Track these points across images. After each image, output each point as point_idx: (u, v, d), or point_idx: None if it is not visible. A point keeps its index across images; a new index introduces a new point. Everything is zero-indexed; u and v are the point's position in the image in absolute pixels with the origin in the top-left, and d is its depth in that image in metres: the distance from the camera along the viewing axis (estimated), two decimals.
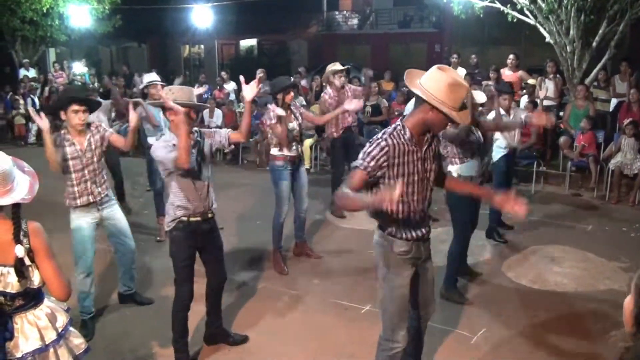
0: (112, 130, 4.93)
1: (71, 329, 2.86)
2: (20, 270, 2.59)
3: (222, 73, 14.28)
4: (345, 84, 7.71)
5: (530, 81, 10.66)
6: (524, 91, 10.30)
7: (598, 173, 8.73)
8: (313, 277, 5.88)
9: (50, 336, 2.73)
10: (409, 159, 3.10)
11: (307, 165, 9.75)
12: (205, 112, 11.66)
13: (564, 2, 9.57)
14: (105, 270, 5.84)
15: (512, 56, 11.05)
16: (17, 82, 16.39)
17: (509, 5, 10.49)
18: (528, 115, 6.34)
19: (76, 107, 4.49)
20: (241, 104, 12.26)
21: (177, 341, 4.25)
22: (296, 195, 6.12)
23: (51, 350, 2.72)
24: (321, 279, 5.83)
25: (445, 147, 5.17)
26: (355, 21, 28.51)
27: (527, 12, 10.34)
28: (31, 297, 2.72)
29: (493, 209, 6.84)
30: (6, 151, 2.71)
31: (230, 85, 13.34)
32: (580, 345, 4.55)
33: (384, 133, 3.14)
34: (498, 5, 10.61)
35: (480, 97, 5.47)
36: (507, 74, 10.82)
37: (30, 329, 2.70)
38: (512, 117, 6.44)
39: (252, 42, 30.26)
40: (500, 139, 6.65)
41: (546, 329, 4.78)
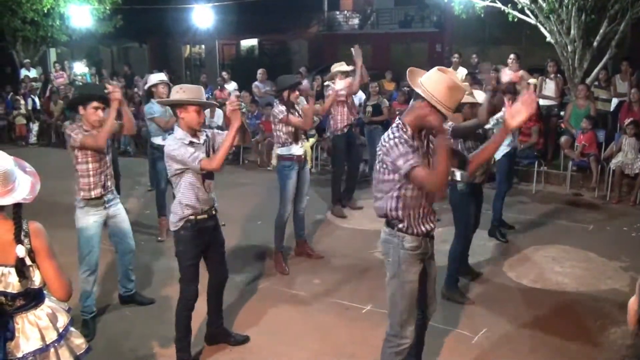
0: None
1: (72, 329, 2.86)
2: (21, 270, 2.59)
3: (223, 73, 14.27)
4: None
5: (531, 81, 10.65)
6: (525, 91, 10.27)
7: (599, 173, 8.73)
8: (314, 277, 5.88)
9: (51, 336, 2.73)
10: (419, 151, 3.24)
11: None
12: (207, 112, 11.65)
13: (564, 2, 9.56)
14: (107, 270, 5.84)
15: (512, 56, 10.99)
16: (18, 83, 16.41)
17: (509, 5, 10.48)
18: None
19: (97, 104, 4.61)
20: (242, 104, 12.24)
21: (180, 340, 4.25)
22: (297, 193, 6.12)
23: (52, 350, 2.72)
24: (322, 279, 5.84)
25: (456, 144, 5.16)
26: (356, 21, 28.47)
27: (528, 12, 10.33)
28: (32, 297, 2.72)
29: (496, 208, 6.85)
30: (7, 151, 2.70)
31: (231, 86, 13.34)
32: (582, 344, 4.55)
33: (392, 132, 3.22)
34: (499, 5, 10.59)
35: (481, 96, 5.46)
36: (507, 73, 10.79)
37: (31, 329, 2.70)
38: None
39: (253, 42, 30.23)
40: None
41: (547, 329, 4.78)
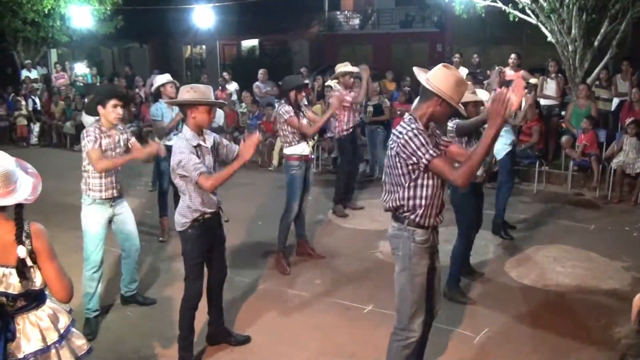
0: (134, 139, 5.08)
1: (73, 329, 2.86)
2: (22, 271, 2.59)
3: (224, 73, 14.28)
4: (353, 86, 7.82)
5: (532, 81, 10.64)
6: (526, 91, 10.27)
7: (600, 172, 8.72)
8: (315, 277, 5.88)
9: (52, 337, 2.73)
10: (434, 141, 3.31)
11: None
12: None
13: (565, 1, 9.56)
14: (109, 271, 5.84)
15: (513, 56, 11.01)
16: (19, 83, 16.43)
17: (510, 5, 10.48)
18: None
19: (116, 102, 4.70)
20: (243, 104, 12.25)
21: (183, 340, 4.25)
22: (301, 192, 6.12)
23: (53, 351, 2.72)
24: (323, 279, 5.84)
25: (460, 142, 5.17)
26: (356, 21, 28.49)
27: (529, 12, 10.33)
28: (33, 298, 2.72)
29: (499, 207, 6.85)
30: (8, 152, 2.71)
31: (232, 86, 13.35)
32: (583, 344, 4.55)
33: (408, 125, 3.26)
34: (500, 4, 10.59)
35: (483, 95, 5.46)
36: (508, 73, 10.79)
37: (32, 329, 2.71)
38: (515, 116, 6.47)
39: (254, 42, 30.25)
40: (504, 136, 6.63)
41: (549, 329, 4.78)
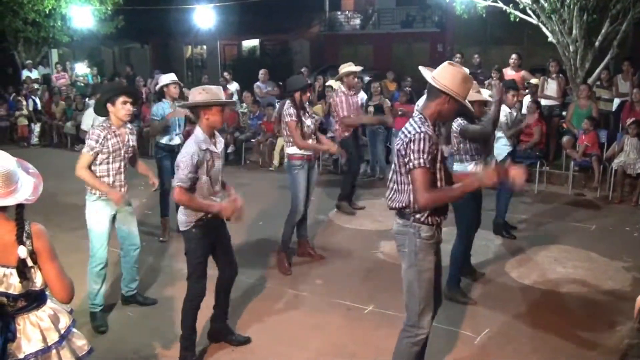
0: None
1: (74, 330, 2.86)
2: (23, 271, 2.59)
3: (225, 73, 14.28)
4: (357, 87, 7.85)
5: (533, 81, 10.65)
6: (527, 91, 10.28)
7: (601, 173, 8.72)
8: (316, 277, 5.88)
9: (52, 337, 2.73)
10: (437, 147, 3.32)
11: None
12: None
13: (566, 2, 9.56)
14: (110, 271, 5.82)
15: (514, 56, 11.04)
16: (20, 83, 16.44)
17: (511, 5, 10.47)
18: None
19: (125, 98, 4.73)
20: (244, 104, 12.25)
21: (185, 339, 4.26)
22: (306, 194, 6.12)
23: (53, 351, 2.72)
24: (324, 279, 5.83)
25: (458, 144, 5.17)
26: (357, 21, 28.49)
27: (530, 12, 10.32)
28: (34, 299, 2.72)
29: (500, 207, 6.85)
30: (9, 152, 2.71)
31: (233, 86, 13.35)
32: (584, 344, 4.54)
33: (418, 126, 3.27)
34: (500, 4, 10.59)
35: (486, 94, 5.46)
36: (509, 73, 10.81)
37: (32, 330, 2.70)
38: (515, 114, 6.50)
39: (255, 42, 30.27)
40: (503, 138, 6.65)
41: (549, 329, 4.77)
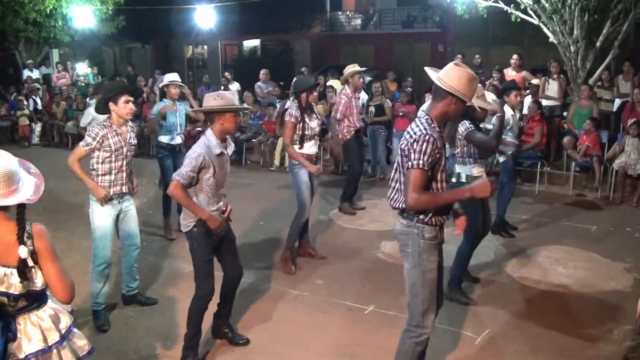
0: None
1: (75, 330, 2.86)
2: (23, 271, 2.59)
3: (226, 73, 14.28)
4: (361, 87, 7.88)
5: (534, 81, 10.65)
6: (528, 91, 10.27)
7: (602, 173, 8.71)
8: (317, 278, 5.88)
9: (53, 337, 2.73)
10: (442, 150, 3.32)
11: None
12: None
13: (567, 2, 9.54)
14: (111, 270, 5.84)
15: (515, 56, 11.03)
16: (21, 83, 16.44)
17: (512, 5, 10.46)
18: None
19: (128, 98, 4.74)
20: (244, 104, 12.25)
21: (190, 338, 4.27)
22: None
23: (54, 351, 2.72)
24: (325, 279, 5.83)
25: (462, 146, 5.17)
26: (358, 21, 28.47)
27: (531, 12, 10.31)
28: (34, 299, 2.72)
29: (500, 207, 6.85)
30: (10, 152, 2.71)
31: (234, 86, 13.35)
32: (585, 345, 4.54)
33: (425, 127, 3.26)
34: (501, 5, 10.58)
35: (490, 98, 5.46)
36: (510, 74, 10.80)
37: (33, 330, 2.70)
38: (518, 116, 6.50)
39: (256, 42, 30.26)
40: (505, 138, 6.64)
41: (550, 330, 4.77)
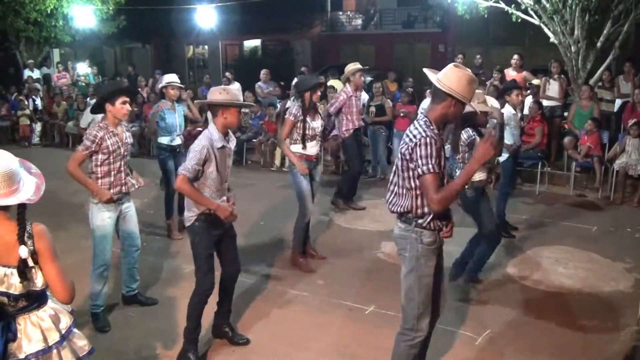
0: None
1: (75, 330, 2.86)
2: (23, 272, 2.59)
3: (227, 73, 14.27)
4: (363, 86, 7.89)
5: (535, 81, 10.64)
6: (528, 91, 10.27)
7: (602, 174, 8.71)
8: (317, 278, 5.88)
9: (53, 337, 2.73)
10: (441, 151, 3.32)
11: None
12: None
13: (568, 2, 9.54)
14: (111, 271, 5.83)
15: (516, 56, 11.02)
16: (22, 83, 16.44)
17: (513, 6, 10.46)
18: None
19: (125, 98, 4.72)
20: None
21: (190, 331, 4.28)
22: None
23: (54, 351, 2.72)
24: (325, 280, 5.83)
25: (464, 152, 5.18)
26: (359, 21, 28.46)
27: (532, 12, 10.30)
28: (34, 299, 2.72)
29: (499, 208, 6.85)
30: (11, 152, 2.71)
31: (235, 86, 13.34)
32: (585, 346, 4.54)
33: (424, 130, 3.25)
34: (502, 5, 10.58)
35: (493, 102, 5.47)
36: (511, 74, 10.80)
37: (33, 330, 2.70)
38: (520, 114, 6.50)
39: (256, 42, 30.27)
40: (506, 138, 6.64)
41: (551, 330, 4.77)
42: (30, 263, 2.60)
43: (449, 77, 3.23)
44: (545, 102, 10.01)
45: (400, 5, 27.08)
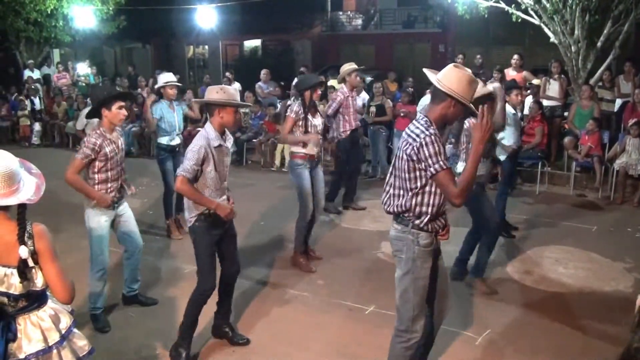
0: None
1: (75, 330, 2.86)
2: (23, 272, 2.59)
3: (227, 73, 14.27)
4: (359, 87, 7.87)
5: (535, 81, 10.64)
6: (529, 91, 10.27)
7: (602, 173, 8.71)
8: (317, 278, 5.88)
9: (53, 337, 2.73)
10: (444, 145, 3.31)
11: None
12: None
13: (568, 2, 9.54)
14: (110, 271, 5.83)
15: (516, 56, 11.02)
16: (22, 83, 16.44)
17: (513, 5, 10.46)
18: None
19: (122, 103, 4.70)
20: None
21: (187, 327, 4.28)
22: (313, 194, 6.10)
23: (54, 351, 2.72)
24: (325, 279, 5.83)
25: (467, 143, 5.17)
26: (359, 21, 28.45)
27: (532, 12, 10.30)
28: (34, 299, 2.72)
29: (498, 207, 6.84)
30: (11, 152, 2.71)
31: (236, 86, 13.34)
32: (585, 345, 4.54)
33: (425, 129, 3.24)
34: (502, 5, 10.58)
35: (495, 84, 5.47)
36: (511, 74, 10.79)
37: (33, 330, 2.71)
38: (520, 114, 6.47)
39: (256, 42, 30.26)
40: (505, 139, 6.64)
41: (551, 330, 4.77)
42: (31, 263, 2.60)
43: (449, 78, 3.22)
44: (545, 102, 10.01)
45: (400, 5, 27.07)
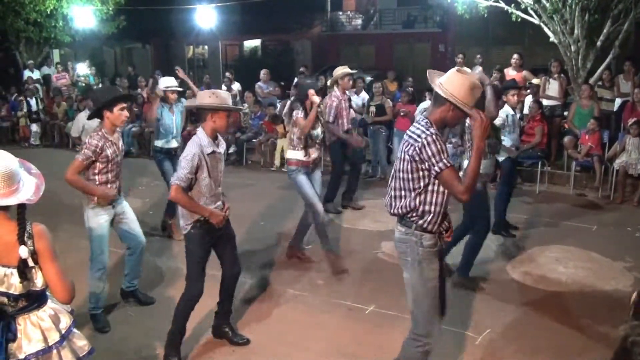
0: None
1: (75, 330, 2.86)
2: (23, 272, 2.59)
3: (227, 73, 14.27)
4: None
5: (535, 81, 10.64)
6: (528, 91, 10.27)
7: (602, 173, 8.71)
8: (317, 278, 5.88)
9: (53, 337, 2.73)
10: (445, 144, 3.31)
11: None
12: None
13: (568, 2, 9.55)
14: (110, 272, 5.83)
15: (516, 56, 11.02)
16: (22, 84, 16.44)
17: (513, 5, 10.47)
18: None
19: (123, 104, 4.71)
20: (245, 104, 12.25)
21: (174, 335, 4.28)
22: None
23: (54, 351, 2.72)
24: (325, 280, 5.83)
25: (468, 140, 5.17)
26: (359, 21, 28.46)
27: (531, 12, 10.31)
28: (34, 299, 2.72)
29: (498, 208, 6.85)
30: (10, 152, 2.71)
31: (235, 86, 13.35)
32: (586, 345, 4.54)
33: (426, 129, 3.25)
34: (502, 4, 10.58)
35: (477, 69, 5.46)
36: (511, 73, 10.79)
37: (33, 330, 2.71)
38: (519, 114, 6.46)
39: (256, 42, 30.28)
40: (506, 138, 6.64)
41: (551, 330, 4.77)
42: (30, 263, 2.61)
43: (450, 82, 3.22)
44: (545, 102, 10.01)
45: (400, 5, 27.09)
